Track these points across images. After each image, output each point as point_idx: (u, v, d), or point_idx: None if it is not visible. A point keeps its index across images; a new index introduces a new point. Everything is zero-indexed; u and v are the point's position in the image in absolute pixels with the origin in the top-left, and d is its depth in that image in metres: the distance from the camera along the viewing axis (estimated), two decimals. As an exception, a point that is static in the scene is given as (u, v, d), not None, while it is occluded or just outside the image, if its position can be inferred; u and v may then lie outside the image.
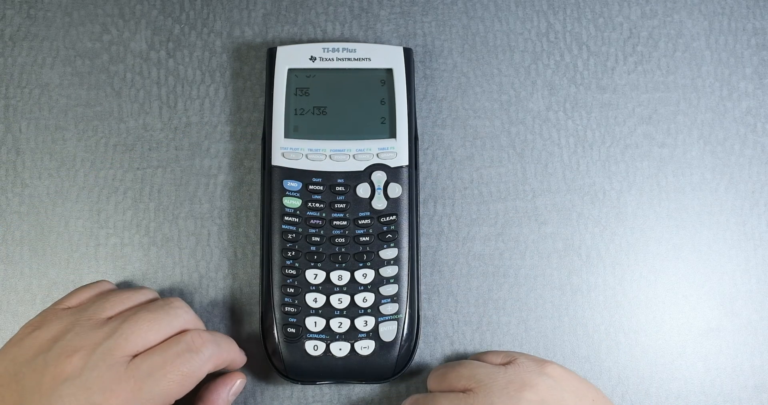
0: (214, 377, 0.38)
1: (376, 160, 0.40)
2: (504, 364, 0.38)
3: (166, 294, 0.42)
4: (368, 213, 0.40)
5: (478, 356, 0.40)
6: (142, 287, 0.39)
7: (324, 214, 0.39)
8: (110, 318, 0.35)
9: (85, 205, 0.43)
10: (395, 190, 0.40)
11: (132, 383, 0.33)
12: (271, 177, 0.40)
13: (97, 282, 0.39)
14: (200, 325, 0.37)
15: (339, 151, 0.40)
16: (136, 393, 0.32)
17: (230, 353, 0.37)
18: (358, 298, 0.39)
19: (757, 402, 0.42)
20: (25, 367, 0.33)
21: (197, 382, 0.35)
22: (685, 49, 0.45)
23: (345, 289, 0.39)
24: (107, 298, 0.37)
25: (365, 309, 0.39)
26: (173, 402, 0.34)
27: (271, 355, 0.39)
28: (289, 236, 0.39)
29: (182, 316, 0.36)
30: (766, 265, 0.43)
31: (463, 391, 0.37)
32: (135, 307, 0.36)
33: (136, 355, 0.34)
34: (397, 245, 0.39)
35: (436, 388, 0.39)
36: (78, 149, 0.43)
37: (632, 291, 0.43)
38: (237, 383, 0.39)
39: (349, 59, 0.41)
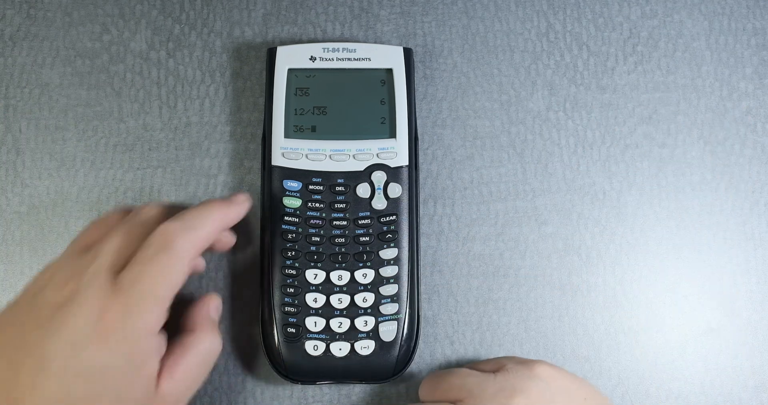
0: (189, 304, 0.38)
1: (376, 160, 0.40)
2: (494, 371, 0.38)
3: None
4: (368, 213, 0.40)
5: (469, 365, 0.40)
6: (107, 211, 0.39)
7: (324, 214, 0.39)
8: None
9: (85, 205, 0.43)
10: (395, 190, 0.40)
11: (121, 298, 0.32)
12: (271, 177, 0.40)
13: None
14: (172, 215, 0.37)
15: (339, 151, 0.40)
16: (125, 306, 0.32)
17: (210, 228, 0.36)
18: (358, 298, 0.39)
19: (757, 402, 0.42)
20: (22, 309, 0.34)
21: (188, 273, 0.34)
22: (685, 49, 0.45)
23: (345, 289, 0.39)
24: (80, 232, 0.37)
25: (365, 309, 0.39)
26: (172, 299, 0.34)
27: (271, 355, 0.39)
28: (289, 236, 0.39)
29: (151, 218, 0.36)
30: (766, 265, 0.43)
31: (454, 403, 0.36)
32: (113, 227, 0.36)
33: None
34: (397, 245, 0.39)
35: (427, 398, 0.39)
36: (78, 149, 0.43)
37: (632, 291, 0.43)
38: (214, 303, 0.38)
39: (349, 59, 0.41)
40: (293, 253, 0.39)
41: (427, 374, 0.40)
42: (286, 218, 0.39)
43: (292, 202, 0.40)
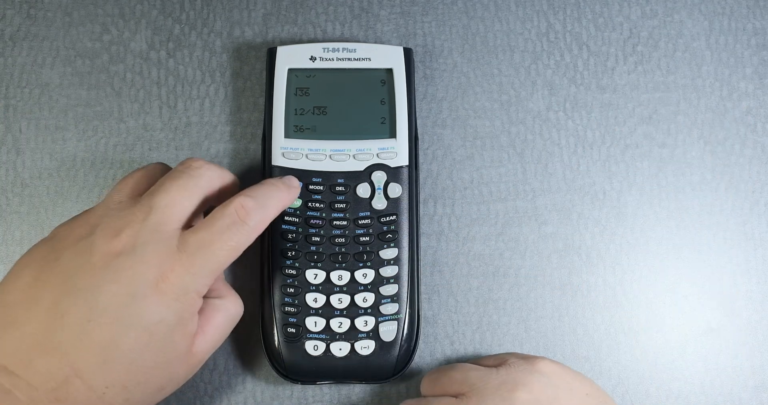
0: None
1: (376, 160, 0.40)
2: (496, 366, 0.38)
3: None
4: (368, 213, 0.40)
5: (471, 361, 0.40)
6: (150, 164, 0.38)
7: (324, 214, 0.39)
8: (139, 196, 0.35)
9: (85, 205, 0.43)
10: (395, 190, 0.40)
11: (184, 259, 0.33)
12: (272, 177, 0.40)
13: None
14: (226, 175, 0.37)
15: (339, 151, 0.40)
16: (188, 268, 0.32)
17: (276, 208, 0.36)
18: (358, 298, 0.39)
19: (757, 402, 0.42)
20: (66, 251, 0.33)
21: (246, 247, 0.35)
22: (685, 49, 0.45)
23: (345, 289, 0.39)
24: (122, 181, 0.36)
25: (365, 309, 0.39)
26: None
27: (271, 355, 0.39)
28: (289, 236, 0.39)
29: (206, 174, 0.35)
30: (766, 265, 0.43)
31: (456, 396, 0.37)
32: (155, 182, 0.36)
33: (182, 228, 0.34)
34: (397, 245, 0.39)
35: (429, 393, 0.39)
36: (78, 149, 0.43)
37: (632, 291, 0.43)
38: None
39: (349, 59, 0.41)
40: (293, 253, 0.39)
41: (429, 370, 0.40)
42: (286, 218, 0.39)
43: (292, 202, 0.40)
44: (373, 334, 0.39)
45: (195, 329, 0.34)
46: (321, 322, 0.39)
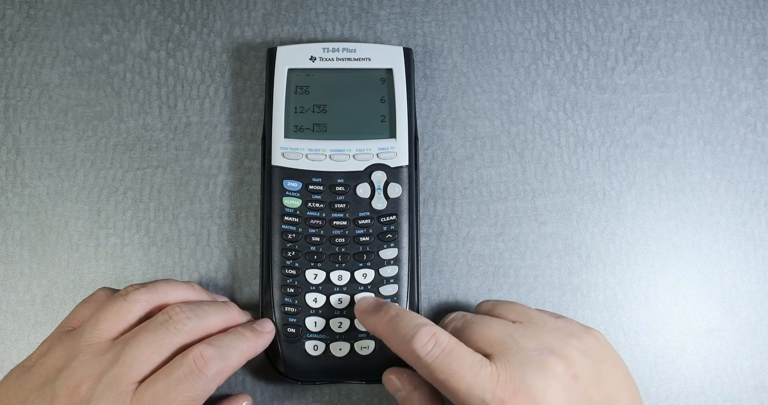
0: (219, 401, 0.39)
1: (376, 160, 0.40)
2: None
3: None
4: (368, 213, 0.40)
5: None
6: (135, 289, 0.37)
7: (324, 214, 0.39)
8: (114, 339, 0.35)
9: (85, 205, 0.43)
10: (395, 190, 0.40)
11: None
12: (271, 177, 0.40)
13: (94, 294, 0.38)
14: (207, 329, 0.36)
15: (339, 151, 0.40)
16: None
17: (240, 358, 0.36)
18: (358, 298, 0.39)
19: (757, 402, 0.42)
20: (33, 394, 0.34)
21: (207, 398, 0.34)
22: (685, 49, 0.45)
23: (345, 289, 0.39)
24: (100, 317, 0.35)
25: (365, 309, 0.39)
26: None
27: (271, 355, 0.39)
28: (289, 236, 0.39)
29: (185, 329, 0.35)
30: (766, 265, 0.43)
31: (515, 322, 0.36)
32: (134, 324, 0.36)
33: (142, 380, 0.33)
34: (397, 245, 0.39)
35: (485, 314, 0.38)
36: (78, 149, 0.43)
37: (632, 291, 0.43)
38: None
39: (349, 59, 0.41)
40: (293, 253, 0.39)
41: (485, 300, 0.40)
42: (286, 218, 0.39)
43: (292, 202, 0.40)
44: (373, 334, 0.39)
45: None
46: (321, 322, 0.39)
